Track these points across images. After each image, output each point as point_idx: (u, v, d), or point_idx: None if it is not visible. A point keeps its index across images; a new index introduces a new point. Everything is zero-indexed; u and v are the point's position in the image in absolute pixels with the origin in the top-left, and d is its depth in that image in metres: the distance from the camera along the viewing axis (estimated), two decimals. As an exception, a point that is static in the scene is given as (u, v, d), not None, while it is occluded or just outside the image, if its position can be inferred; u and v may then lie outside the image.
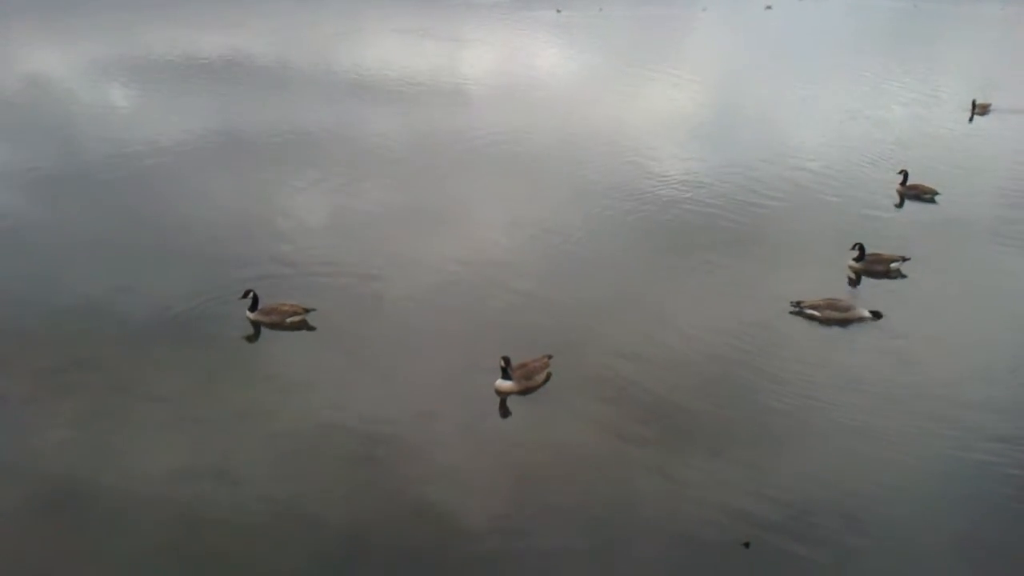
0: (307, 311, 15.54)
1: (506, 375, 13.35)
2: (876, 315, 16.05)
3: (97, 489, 11.17)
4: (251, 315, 15.41)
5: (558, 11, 64.10)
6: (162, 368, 13.95)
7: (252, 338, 15.18)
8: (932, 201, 23.09)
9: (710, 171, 25.23)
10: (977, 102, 33.98)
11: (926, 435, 12.60)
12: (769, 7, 71.92)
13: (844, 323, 15.92)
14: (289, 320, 15.39)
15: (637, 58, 46.04)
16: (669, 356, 14.63)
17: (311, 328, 15.44)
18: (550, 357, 13.95)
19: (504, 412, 13.15)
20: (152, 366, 14.01)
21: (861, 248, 18.23)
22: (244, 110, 31.57)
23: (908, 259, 18.22)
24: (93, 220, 20.50)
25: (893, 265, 18.17)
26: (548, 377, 13.82)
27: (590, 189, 23.45)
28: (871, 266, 18.22)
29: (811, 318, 15.94)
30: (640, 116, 32.96)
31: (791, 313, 16.05)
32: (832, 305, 16.05)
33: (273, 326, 15.35)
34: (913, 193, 23.39)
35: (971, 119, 32.92)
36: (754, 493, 11.21)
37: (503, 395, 13.36)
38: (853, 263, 18.30)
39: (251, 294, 15.38)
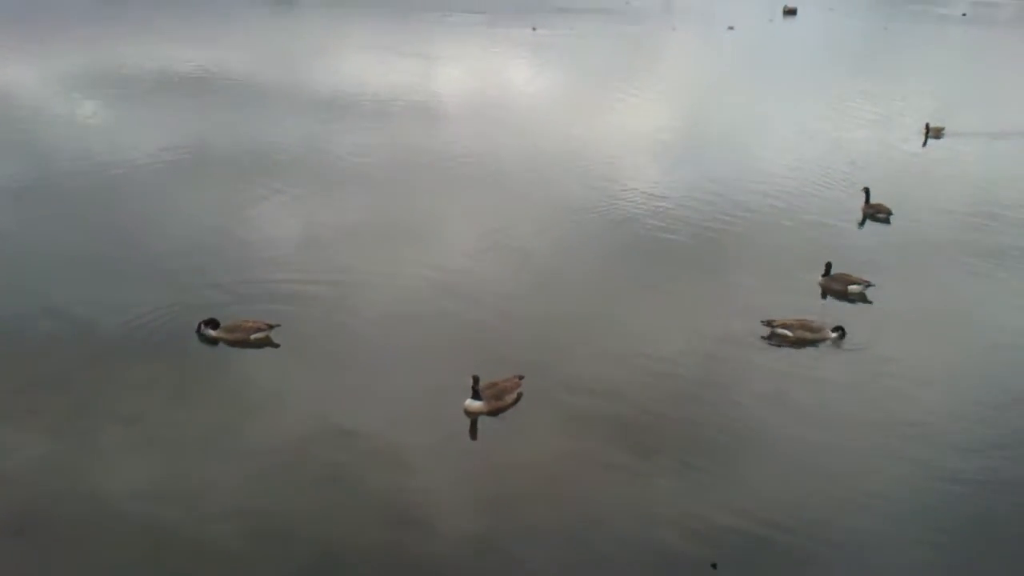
0: (271, 327, 15.22)
1: (476, 395, 13.12)
2: (839, 330, 16.03)
3: (63, 511, 10.86)
4: (213, 332, 15.07)
5: (534, 29, 64.38)
6: (127, 386, 13.63)
7: (216, 355, 14.82)
8: (887, 221, 23.29)
9: (675, 189, 25.25)
10: (931, 126, 34.21)
11: (894, 459, 12.53)
12: (731, 27, 72.78)
13: (815, 343, 15.88)
14: (253, 337, 15.07)
15: (607, 76, 46.19)
16: (639, 375, 14.50)
17: (275, 345, 15.13)
18: (521, 378, 13.74)
19: (474, 433, 12.92)
20: (117, 384, 13.69)
21: (828, 265, 18.43)
22: (214, 124, 31.18)
23: (872, 285, 18.20)
24: (59, 234, 20.00)
25: (851, 288, 18.17)
26: (519, 397, 13.60)
27: (559, 206, 23.37)
28: (831, 283, 18.33)
29: (783, 337, 15.88)
30: (608, 134, 32.99)
31: (764, 337, 15.93)
32: (804, 325, 16.00)
33: (237, 343, 15.02)
34: (871, 212, 23.62)
35: (924, 143, 33.24)
36: (722, 514, 11.13)
37: (472, 415, 13.13)
38: (821, 278, 18.42)
39: (200, 326, 15.01)
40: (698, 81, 48.69)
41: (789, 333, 15.89)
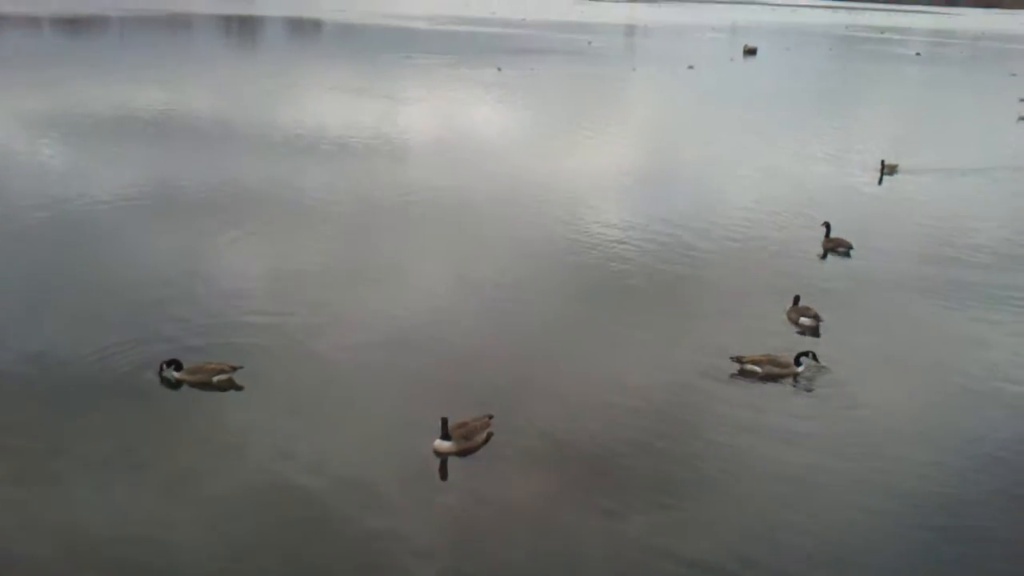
0: (234, 369, 14.92)
1: (445, 435, 12.93)
2: (809, 354, 16.06)
3: (23, 560, 10.51)
4: (176, 374, 14.76)
5: (499, 69, 65.07)
6: (88, 431, 13.26)
7: (179, 397, 14.48)
8: (847, 256, 23.58)
9: (638, 227, 25.33)
10: (886, 162, 34.79)
11: (861, 506, 12.42)
12: (691, 67, 74.19)
13: (784, 378, 15.90)
14: (216, 379, 14.76)
15: (569, 116, 46.67)
16: (609, 413, 14.39)
17: (239, 387, 14.82)
18: (491, 417, 13.58)
19: (443, 474, 12.70)
20: (75, 428, 13.32)
21: (796, 298, 18.79)
22: (179, 165, 30.88)
23: (822, 321, 18.32)
24: (17, 276, 19.58)
25: (802, 320, 18.34)
26: (489, 437, 13.43)
27: (526, 245, 23.35)
28: (792, 315, 18.60)
29: (752, 373, 15.88)
30: (572, 173, 33.17)
31: (733, 373, 15.90)
32: (773, 360, 16.02)
33: (199, 385, 14.70)
34: (831, 246, 23.93)
35: (880, 180, 33.79)
36: (694, 553, 11.05)
37: (442, 456, 12.92)
38: (789, 307, 18.80)
39: (162, 367, 14.73)
40: (658, 120, 49.38)
41: (758, 369, 15.90)
